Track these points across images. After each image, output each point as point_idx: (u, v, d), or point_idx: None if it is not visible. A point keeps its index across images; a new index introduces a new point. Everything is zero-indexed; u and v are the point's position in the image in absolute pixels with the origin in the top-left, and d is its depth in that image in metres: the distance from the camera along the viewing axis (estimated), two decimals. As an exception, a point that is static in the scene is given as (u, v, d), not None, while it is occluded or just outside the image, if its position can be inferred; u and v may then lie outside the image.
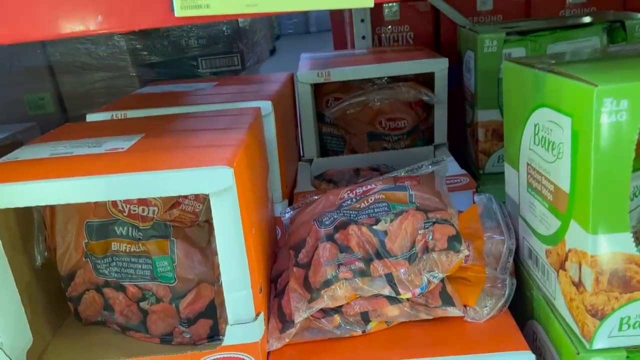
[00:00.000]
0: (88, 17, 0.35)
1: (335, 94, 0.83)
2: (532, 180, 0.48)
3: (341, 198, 0.56)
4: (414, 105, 0.81)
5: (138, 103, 0.68)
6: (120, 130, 0.53)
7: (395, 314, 0.47)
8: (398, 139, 0.82)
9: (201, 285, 0.48)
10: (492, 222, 0.54)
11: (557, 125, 0.41)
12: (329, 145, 0.86)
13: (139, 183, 0.38)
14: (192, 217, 0.49)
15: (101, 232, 0.50)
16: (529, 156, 0.48)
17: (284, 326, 0.46)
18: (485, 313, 0.48)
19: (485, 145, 0.76)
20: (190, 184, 0.38)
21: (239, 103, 0.61)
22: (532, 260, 0.50)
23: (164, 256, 0.48)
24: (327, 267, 0.46)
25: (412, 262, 0.46)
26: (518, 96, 0.49)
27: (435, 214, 0.48)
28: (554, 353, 0.46)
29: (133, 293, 0.50)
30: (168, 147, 0.45)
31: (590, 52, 0.51)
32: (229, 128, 0.50)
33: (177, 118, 0.56)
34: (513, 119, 0.51)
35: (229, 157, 0.41)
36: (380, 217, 0.49)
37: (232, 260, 0.41)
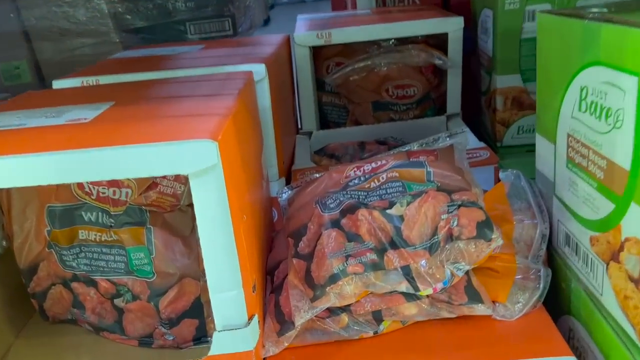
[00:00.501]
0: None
1: (336, 59, 0.75)
2: (574, 155, 0.40)
3: (347, 176, 0.49)
4: (424, 70, 0.73)
5: (113, 68, 0.59)
6: (88, 97, 0.45)
7: (412, 313, 0.40)
8: (406, 108, 0.74)
9: (184, 280, 0.41)
10: (522, 203, 0.47)
11: (615, 87, 0.34)
12: (330, 116, 0.78)
13: (97, 162, 0.31)
14: (172, 200, 0.41)
15: (66, 219, 0.42)
16: (572, 126, 0.40)
17: (282, 328, 0.39)
18: (518, 310, 0.41)
19: (504, 115, 0.69)
20: (164, 163, 0.31)
21: (227, 67, 0.53)
22: (570, 248, 0.43)
23: (140, 246, 0.41)
24: (333, 259, 0.39)
25: (434, 252, 0.39)
26: (558, 54, 0.42)
27: (460, 195, 0.41)
28: (599, 356, 0.39)
29: (106, 289, 0.43)
30: (139, 117, 0.37)
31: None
32: (215, 94, 0.42)
33: (154, 84, 0.48)
34: (550, 82, 0.44)
35: (213, 128, 0.33)
36: (395, 200, 0.41)
37: (218, 254, 0.34)
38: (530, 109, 0.68)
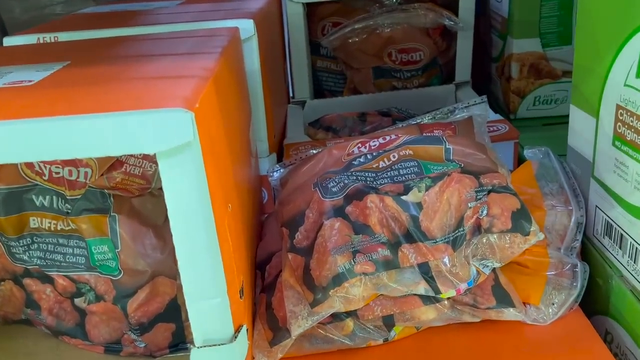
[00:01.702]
0: None
1: (333, 18, 0.67)
2: (624, 130, 0.34)
3: (349, 154, 0.42)
4: (432, 32, 0.65)
5: (77, 24, 0.51)
6: (40, 56, 0.37)
7: (430, 318, 0.34)
8: (411, 75, 0.67)
9: (157, 279, 0.34)
10: (554, 186, 0.41)
11: (697, 47, 0.27)
12: (325, 84, 0.71)
13: (36, 136, 0.23)
14: (140, 182, 0.34)
15: (12, 204, 0.35)
16: (623, 96, 0.34)
17: (275, 336, 0.33)
18: (552, 313, 0.35)
19: (520, 84, 0.62)
20: (122, 139, 0.23)
21: (209, 22, 0.45)
22: (611, 239, 0.37)
23: (103, 238, 0.34)
24: (338, 255, 0.32)
25: (458, 247, 0.33)
26: (606, 14, 0.35)
27: (489, 178, 0.34)
28: (646, 367, 0.33)
29: (64, 287, 0.36)
30: (96, 80, 0.30)
31: None
32: (193, 53, 0.34)
33: (121, 41, 0.40)
34: (596, 45, 0.37)
35: (189, 95, 0.26)
36: (412, 183, 0.35)
37: (197, 254, 0.27)
38: (550, 77, 0.61)
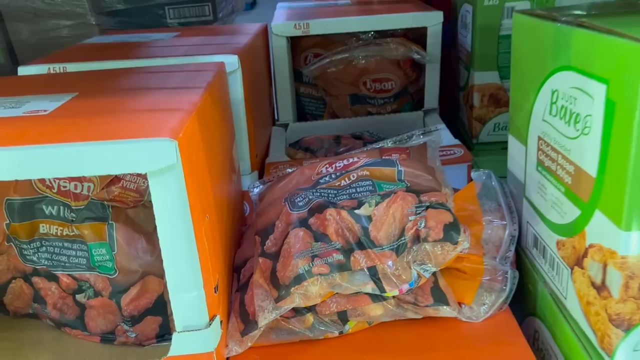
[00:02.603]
0: None
1: (314, 50, 0.74)
2: (544, 158, 0.40)
3: (318, 173, 0.48)
4: (402, 64, 0.72)
5: (83, 54, 0.58)
6: (51, 87, 0.44)
7: (378, 314, 0.40)
8: (384, 102, 0.74)
9: (147, 277, 0.41)
10: (492, 204, 0.47)
11: (584, 93, 0.33)
12: (307, 108, 0.77)
13: (52, 159, 0.30)
14: (135, 195, 0.40)
15: (25, 212, 0.41)
16: (542, 129, 0.40)
17: (246, 327, 0.39)
18: (483, 312, 0.41)
19: (481, 112, 0.68)
20: (121, 161, 0.30)
21: (199, 57, 0.52)
22: (538, 250, 0.43)
23: (102, 242, 0.40)
24: (299, 259, 0.38)
25: (400, 253, 0.39)
26: (532, 56, 0.41)
27: (429, 196, 0.41)
28: (561, 359, 0.39)
29: (67, 284, 0.42)
30: (101, 110, 0.36)
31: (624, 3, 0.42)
32: (181, 87, 0.41)
33: (121, 74, 0.46)
34: (523, 83, 0.43)
35: (174, 126, 0.32)
36: (364, 199, 0.41)
37: (178, 255, 0.33)
38: (507, 106, 0.68)
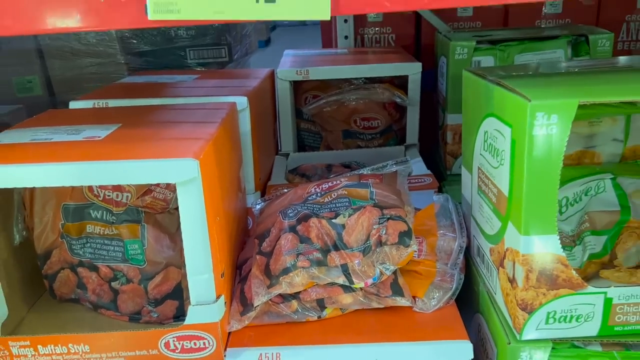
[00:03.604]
0: (67, 15, 0.38)
1: (313, 92, 0.86)
2: (481, 184, 0.52)
3: (308, 192, 0.59)
4: (387, 106, 0.84)
5: (120, 92, 0.70)
6: (100, 119, 0.56)
7: (349, 302, 0.51)
8: (372, 137, 0.86)
9: (169, 268, 0.52)
10: (447, 221, 0.58)
11: (500, 133, 0.45)
12: (306, 141, 0.89)
13: (110, 170, 0.41)
14: (163, 204, 0.52)
15: (77, 215, 0.53)
16: (480, 161, 0.51)
17: (244, 309, 0.50)
18: (433, 304, 0.51)
19: (453, 148, 0.80)
20: (158, 173, 0.42)
21: (216, 97, 0.64)
22: (479, 258, 0.54)
23: (135, 240, 0.51)
24: (287, 256, 0.49)
25: (366, 254, 0.50)
26: (473, 105, 0.53)
27: (390, 210, 0.52)
28: (492, 343, 0.50)
29: (105, 273, 0.53)
30: (142, 137, 0.48)
31: (544, 66, 0.54)
32: (202, 122, 0.53)
33: (154, 110, 0.59)
34: (469, 125, 0.55)
35: (196, 150, 0.44)
36: (340, 212, 0.52)
37: (195, 245, 0.44)
38: (476, 143, 0.79)
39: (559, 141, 0.39)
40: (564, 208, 0.51)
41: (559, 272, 0.42)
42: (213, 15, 0.37)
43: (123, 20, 0.38)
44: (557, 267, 0.42)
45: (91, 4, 0.38)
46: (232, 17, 0.37)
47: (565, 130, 0.39)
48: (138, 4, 0.38)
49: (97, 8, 0.38)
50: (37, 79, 1.22)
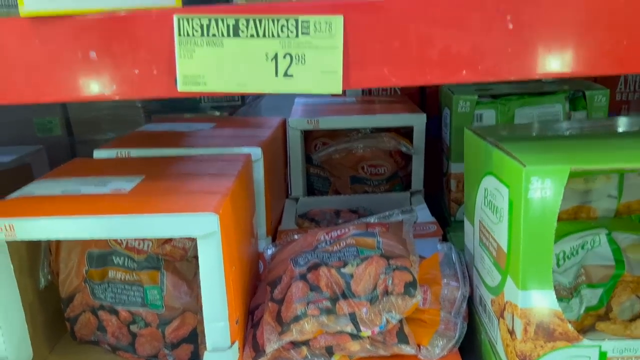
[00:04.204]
0: (104, 85, 0.42)
1: (323, 139, 0.90)
2: (482, 237, 0.54)
3: (317, 240, 0.62)
4: (393, 153, 0.88)
5: (141, 141, 0.74)
6: (124, 170, 0.60)
7: (356, 349, 0.53)
8: (378, 183, 0.89)
9: (186, 313, 0.54)
10: (450, 270, 0.61)
11: (499, 192, 0.48)
12: (315, 185, 0.93)
13: (136, 224, 0.45)
14: (181, 252, 0.55)
15: (100, 261, 0.56)
16: (481, 215, 0.55)
17: (256, 355, 0.52)
18: (437, 352, 0.54)
19: (457, 195, 0.83)
20: (181, 228, 0.45)
21: (232, 148, 0.68)
22: (482, 307, 0.56)
23: (155, 286, 0.54)
24: (298, 304, 0.52)
25: (373, 303, 0.52)
26: (474, 161, 0.56)
27: (396, 261, 0.55)
28: (495, 392, 0.52)
29: (124, 317, 0.56)
30: (164, 190, 0.52)
31: (541, 126, 0.58)
32: (220, 174, 0.57)
33: (175, 161, 0.63)
34: (471, 180, 0.58)
35: (216, 204, 0.47)
36: (349, 261, 0.55)
37: (213, 294, 0.47)
38: (479, 191, 0.83)
39: (553, 203, 0.42)
40: (561, 261, 0.54)
41: (556, 325, 0.44)
42: (236, 87, 0.41)
43: (154, 90, 0.42)
44: (553, 321, 0.44)
45: (126, 75, 0.42)
46: (254, 89, 0.41)
47: (559, 193, 0.42)
48: (169, 77, 0.42)
49: (131, 79, 0.42)
50: (57, 120, 1.27)
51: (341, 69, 0.40)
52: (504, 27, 0.39)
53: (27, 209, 0.48)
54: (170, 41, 0.41)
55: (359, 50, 0.40)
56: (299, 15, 0.39)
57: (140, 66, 0.42)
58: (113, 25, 0.41)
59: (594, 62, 0.39)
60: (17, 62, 0.42)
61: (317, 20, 0.39)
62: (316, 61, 0.40)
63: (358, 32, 0.40)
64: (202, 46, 0.40)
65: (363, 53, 0.40)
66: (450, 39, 0.39)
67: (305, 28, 0.39)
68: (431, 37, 0.40)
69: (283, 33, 0.40)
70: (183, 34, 0.40)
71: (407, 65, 0.40)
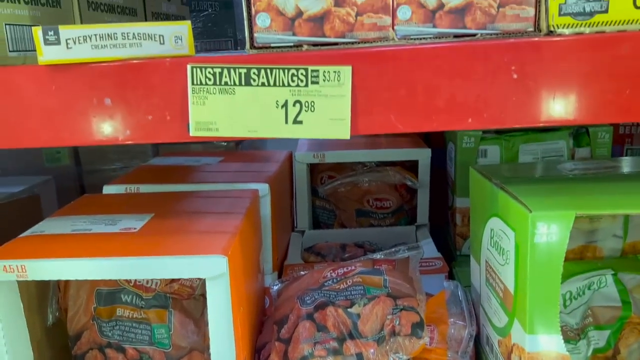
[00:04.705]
0: (118, 131, 0.43)
1: (329, 172, 0.91)
2: (489, 276, 0.55)
3: (324, 277, 0.63)
4: (399, 187, 0.89)
5: (150, 177, 0.75)
6: (133, 207, 0.61)
7: (363, 390, 0.53)
8: (384, 216, 0.90)
9: (193, 352, 0.55)
10: (457, 309, 0.61)
11: (505, 235, 0.48)
12: (321, 218, 0.93)
13: (146, 266, 0.45)
14: (189, 290, 0.55)
15: (109, 299, 0.56)
16: (487, 255, 0.55)
17: (263, 395, 0.52)
18: (444, 393, 0.53)
19: (462, 230, 0.83)
20: (190, 270, 0.45)
21: (239, 184, 0.69)
22: (488, 347, 0.56)
23: (162, 324, 0.55)
24: (305, 344, 0.52)
25: (380, 343, 0.52)
26: (480, 201, 0.57)
27: (403, 300, 0.55)
28: None
29: (132, 355, 0.56)
30: (174, 230, 0.52)
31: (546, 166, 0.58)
32: (228, 212, 0.57)
33: (184, 197, 0.63)
34: (477, 219, 0.58)
35: (225, 245, 0.48)
36: (356, 300, 0.55)
37: (221, 335, 0.47)
38: (484, 225, 0.83)
39: (559, 248, 0.43)
40: (568, 302, 0.54)
41: (564, 370, 0.44)
42: (247, 133, 0.42)
43: (167, 135, 0.43)
44: (561, 365, 0.44)
45: (140, 121, 0.43)
46: (264, 135, 0.42)
47: (565, 238, 0.42)
48: (181, 122, 0.43)
49: (144, 124, 0.43)
50: (65, 150, 1.28)
51: (349, 116, 0.41)
52: (509, 77, 0.40)
53: (38, 249, 0.48)
54: (184, 88, 0.42)
55: (366, 98, 0.41)
56: (309, 66, 0.40)
57: (154, 112, 0.43)
58: (128, 73, 0.42)
59: (597, 111, 0.40)
60: (34, 108, 0.43)
61: (326, 70, 0.40)
62: (325, 109, 0.41)
63: (366, 81, 0.41)
64: (214, 94, 0.42)
65: (370, 101, 0.41)
66: (456, 88, 0.40)
67: (314, 77, 0.41)
68: (437, 86, 0.41)
69: (293, 82, 0.41)
70: (196, 82, 0.41)
71: (414, 113, 0.41)
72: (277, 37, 0.42)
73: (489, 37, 0.42)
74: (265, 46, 0.43)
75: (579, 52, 0.39)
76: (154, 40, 0.42)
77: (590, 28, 0.39)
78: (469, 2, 0.41)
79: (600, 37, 0.39)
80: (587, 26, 0.39)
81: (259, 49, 0.43)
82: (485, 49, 0.40)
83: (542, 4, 0.40)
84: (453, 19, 0.41)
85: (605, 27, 0.39)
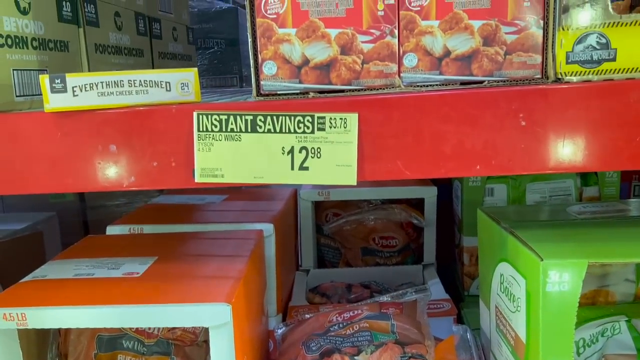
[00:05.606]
0: (123, 177, 0.43)
1: (334, 210, 0.90)
2: (499, 323, 0.53)
3: (330, 321, 0.61)
4: (405, 225, 0.88)
5: (154, 217, 0.75)
6: (137, 249, 0.60)
7: None
8: (390, 255, 0.88)
9: (195, 401, 0.53)
10: (467, 354, 0.59)
11: (516, 282, 0.47)
12: (326, 256, 0.92)
13: (148, 315, 0.44)
14: (192, 337, 0.54)
15: (110, 345, 0.55)
16: (497, 300, 0.54)
17: None
18: None
19: (470, 269, 0.82)
20: (193, 318, 0.44)
21: (244, 224, 0.68)
22: (500, 396, 0.55)
23: (164, 372, 0.53)
24: (310, 393, 0.51)
25: (388, 393, 0.51)
26: (489, 244, 0.56)
27: (411, 347, 0.53)
28: None
29: (132, 402, 0.54)
30: (177, 275, 0.51)
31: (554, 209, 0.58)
32: (232, 255, 0.56)
33: (188, 239, 0.63)
34: (486, 262, 0.57)
35: (228, 291, 0.47)
36: (363, 347, 0.54)
37: (224, 386, 0.46)
38: (492, 265, 0.82)
39: (571, 297, 0.41)
40: (581, 349, 0.52)
41: None
42: (253, 179, 0.42)
43: (172, 181, 0.43)
44: (577, 420, 0.43)
45: (145, 167, 0.43)
46: (270, 181, 0.41)
47: (577, 286, 0.41)
48: (187, 169, 0.42)
49: (150, 171, 0.43)
50: (70, 185, 1.28)
51: (356, 162, 0.41)
52: (517, 124, 0.40)
53: (39, 296, 0.47)
54: (189, 135, 0.42)
55: (373, 144, 0.41)
56: (315, 112, 0.40)
57: (159, 159, 0.42)
58: (134, 119, 0.42)
59: (606, 158, 0.40)
60: (40, 154, 0.43)
61: (333, 117, 0.40)
62: (331, 155, 0.41)
63: (372, 128, 0.41)
64: (220, 140, 0.41)
65: (377, 147, 0.41)
66: (463, 135, 0.40)
67: (321, 124, 0.40)
68: (444, 133, 0.40)
69: (299, 128, 0.41)
70: (202, 129, 0.41)
71: (421, 160, 0.41)
72: (283, 84, 0.42)
73: (496, 85, 0.42)
74: (272, 93, 0.43)
75: (587, 100, 0.39)
76: (160, 87, 0.42)
77: (598, 76, 0.39)
78: (475, 50, 0.41)
79: (608, 84, 0.39)
80: (595, 74, 0.39)
81: (266, 97, 0.43)
82: (492, 96, 0.40)
83: (549, 52, 0.40)
84: (460, 66, 0.41)
85: (613, 74, 0.39)
